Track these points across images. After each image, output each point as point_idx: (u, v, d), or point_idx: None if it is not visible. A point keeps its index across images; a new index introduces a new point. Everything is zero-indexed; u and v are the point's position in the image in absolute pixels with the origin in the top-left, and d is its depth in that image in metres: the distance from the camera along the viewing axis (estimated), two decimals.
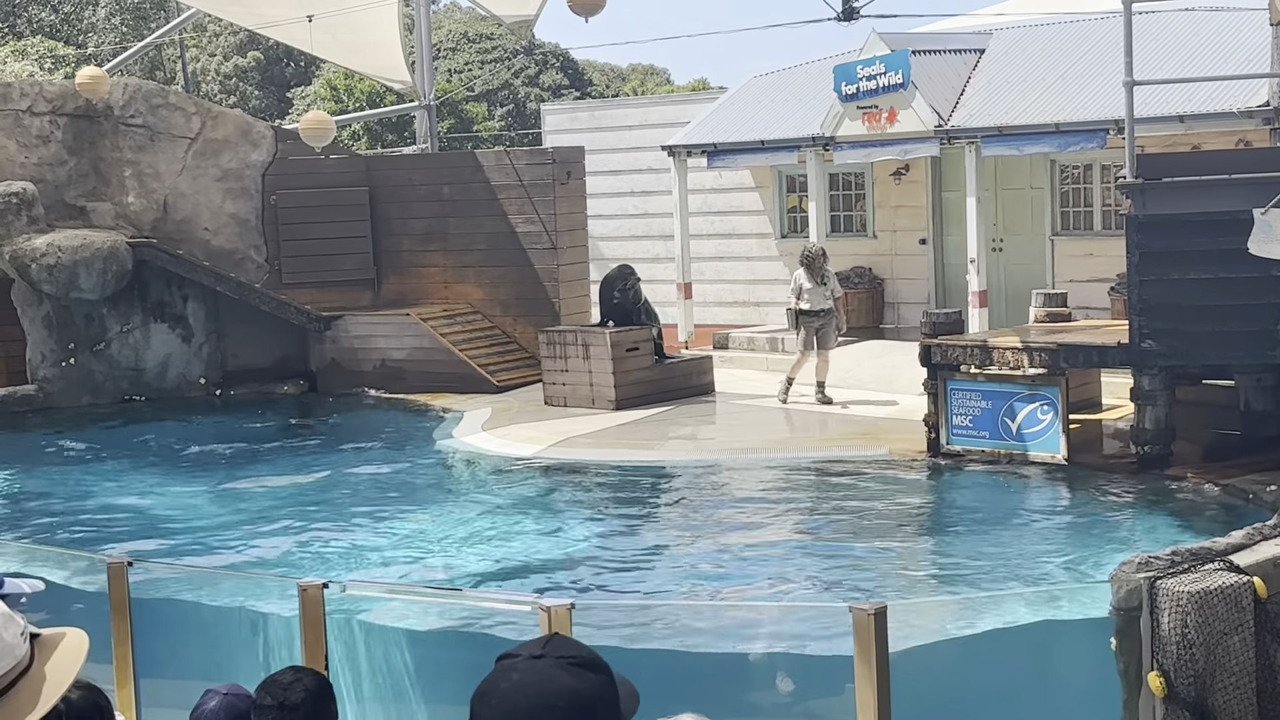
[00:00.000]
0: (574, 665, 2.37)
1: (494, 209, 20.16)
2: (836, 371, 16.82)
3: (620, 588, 10.69)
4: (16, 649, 2.15)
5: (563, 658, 2.37)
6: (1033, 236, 19.54)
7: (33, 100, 20.06)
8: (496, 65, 47.89)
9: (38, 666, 2.18)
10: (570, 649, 2.41)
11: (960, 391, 13.46)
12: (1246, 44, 16.47)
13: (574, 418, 16.55)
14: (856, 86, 18.56)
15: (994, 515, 12.12)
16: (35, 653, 2.20)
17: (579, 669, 2.36)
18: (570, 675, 2.35)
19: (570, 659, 2.38)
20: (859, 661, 5.76)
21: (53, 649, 2.23)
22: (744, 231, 22.45)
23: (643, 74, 57.40)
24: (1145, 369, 12.41)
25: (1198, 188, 12.01)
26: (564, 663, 2.36)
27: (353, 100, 39.42)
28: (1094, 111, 17.01)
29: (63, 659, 2.20)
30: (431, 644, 8.68)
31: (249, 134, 20.78)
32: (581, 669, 2.37)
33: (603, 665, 2.41)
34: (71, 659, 2.21)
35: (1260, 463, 12.09)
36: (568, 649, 2.41)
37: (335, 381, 19.90)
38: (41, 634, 2.26)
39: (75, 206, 20.00)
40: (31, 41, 37.87)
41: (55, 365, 19.35)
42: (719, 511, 12.85)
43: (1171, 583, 5.67)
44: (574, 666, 2.37)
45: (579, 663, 2.37)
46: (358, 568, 11.18)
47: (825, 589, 10.18)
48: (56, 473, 15.81)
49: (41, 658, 2.20)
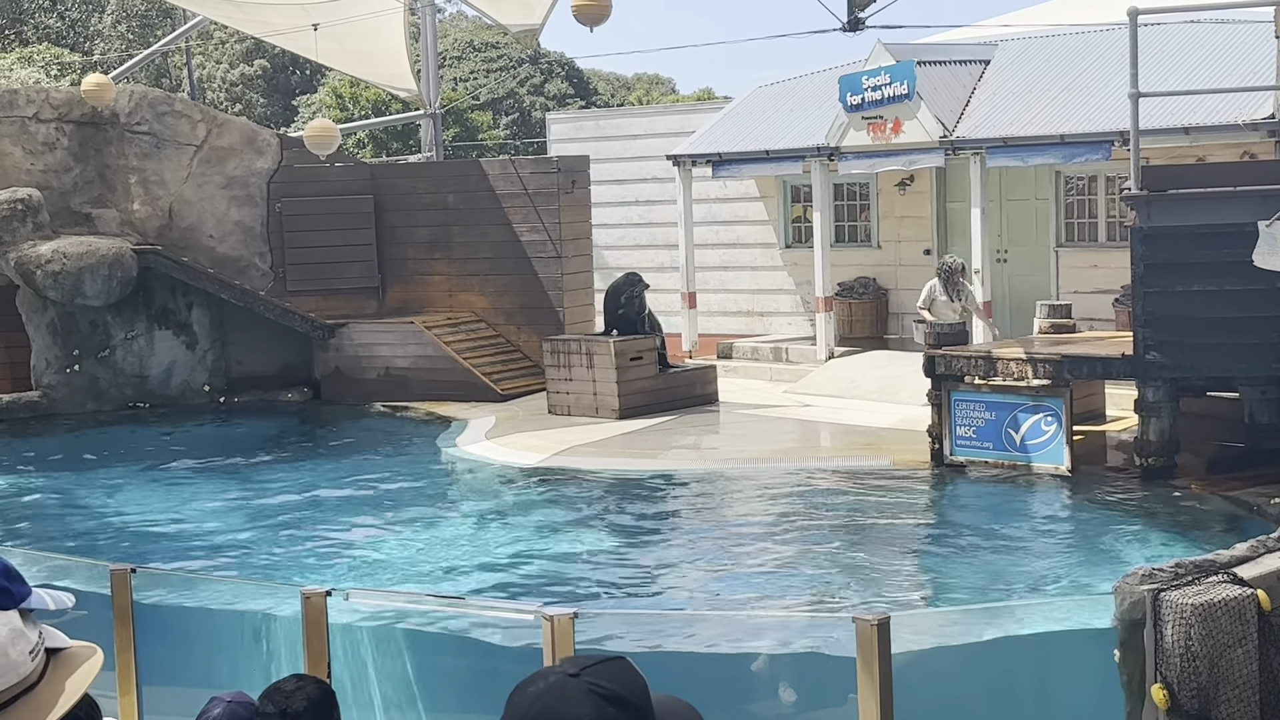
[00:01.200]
0: (602, 696, 2.22)
1: (499, 218, 20.18)
2: (839, 382, 16.82)
3: (623, 596, 10.68)
4: (20, 667, 2.11)
5: (596, 684, 2.23)
6: (1037, 248, 19.53)
7: (39, 107, 20.10)
8: (502, 74, 47.95)
9: (46, 685, 2.15)
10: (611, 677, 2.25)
11: (964, 402, 13.45)
12: (1252, 56, 16.47)
13: (578, 427, 16.55)
14: (861, 97, 18.57)
15: (997, 526, 12.11)
16: (50, 669, 2.17)
17: (604, 701, 2.22)
18: (590, 704, 2.21)
19: (602, 689, 2.23)
20: (862, 672, 5.76)
21: (72, 668, 2.18)
22: (748, 241, 22.45)
23: (648, 83, 57.46)
24: (1149, 381, 12.40)
25: (1202, 200, 12.01)
26: (593, 690, 2.22)
27: (358, 108, 39.46)
28: (1099, 123, 17.01)
29: (71, 683, 2.16)
30: (435, 652, 8.67)
31: (254, 141, 20.81)
32: (606, 702, 2.22)
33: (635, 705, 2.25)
34: (76, 686, 2.17)
35: (1264, 475, 12.07)
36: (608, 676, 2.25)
37: (339, 389, 19.91)
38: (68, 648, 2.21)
39: (81, 213, 20.02)
40: (38, 48, 37.94)
41: (60, 372, 19.37)
42: (722, 521, 12.84)
43: (1175, 595, 5.66)
44: (601, 698, 2.22)
45: (608, 695, 2.22)
46: (361, 575, 11.18)
47: (828, 599, 10.17)
48: (61, 479, 15.82)
49: (55, 676, 2.16)
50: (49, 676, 2.14)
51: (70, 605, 2.24)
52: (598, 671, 2.24)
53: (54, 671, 2.15)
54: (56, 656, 2.17)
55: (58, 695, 2.13)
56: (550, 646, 5.98)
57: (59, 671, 2.15)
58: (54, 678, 2.14)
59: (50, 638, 2.18)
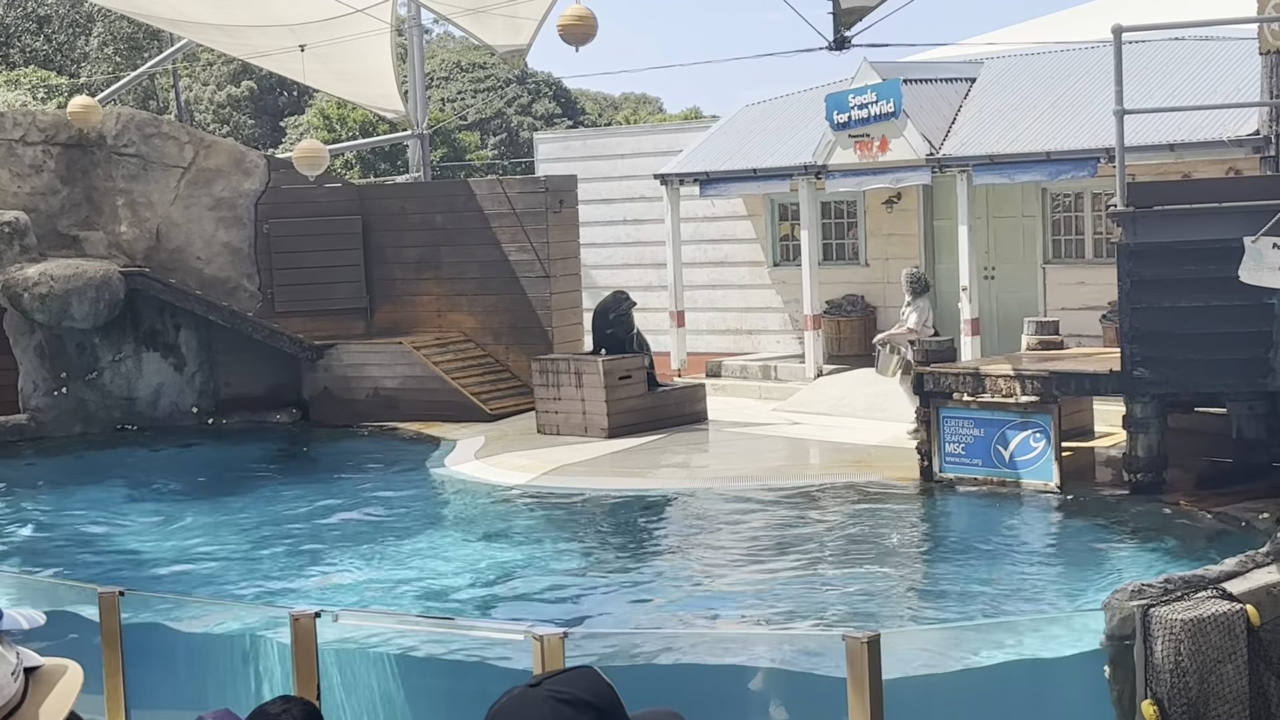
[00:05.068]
0: (560, 701, 2.28)
1: (487, 237, 20.19)
2: (828, 399, 16.83)
3: (613, 615, 10.66)
4: (4, 689, 2.12)
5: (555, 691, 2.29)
6: (1024, 264, 19.58)
7: (26, 130, 20.08)
8: (489, 94, 48.01)
9: (29, 705, 2.15)
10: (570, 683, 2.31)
11: (953, 419, 13.47)
12: (1236, 73, 16.54)
13: (567, 446, 16.54)
14: (848, 115, 18.61)
15: (987, 543, 12.11)
16: (30, 688, 2.17)
17: (561, 705, 2.28)
18: (549, 709, 2.26)
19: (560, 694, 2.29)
20: (852, 689, 5.75)
21: (50, 685, 2.19)
22: (736, 259, 22.49)
23: (635, 103, 57.58)
24: (1137, 396, 12.42)
25: (1189, 216, 12.04)
26: (551, 696, 2.28)
27: (345, 129, 39.50)
28: (1085, 140, 17.07)
29: (54, 700, 2.17)
30: (424, 673, 8.65)
31: (242, 163, 20.81)
32: (564, 704, 2.28)
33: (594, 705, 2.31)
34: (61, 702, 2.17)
35: (1253, 490, 12.08)
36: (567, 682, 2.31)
37: (328, 410, 19.88)
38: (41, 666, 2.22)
39: (68, 236, 20.00)
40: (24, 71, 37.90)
41: (47, 394, 19.32)
42: (712, 539, 12.83)
43: (1165, 611, 5.67)
44: (559, 702, 2.28)
45: (566, 699, 2.28)
46: (350, 597, 11.15)
47: (818, 616, 10.16)
48: (48, 502, 15.77)
49: (36, 694, 2.17)
50: (31, 696, 2.15)
51: (42, 623, 2.25)
52: (558, 679, 2.35)
53: (34, 691, 2.16)
54: (34, 675, 2.18)
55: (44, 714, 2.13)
56: (540, 666, 5.96)
57: (39, 690, 2.16)
58: (35, 696, 2.15)
59: (25, 658, 2.19)
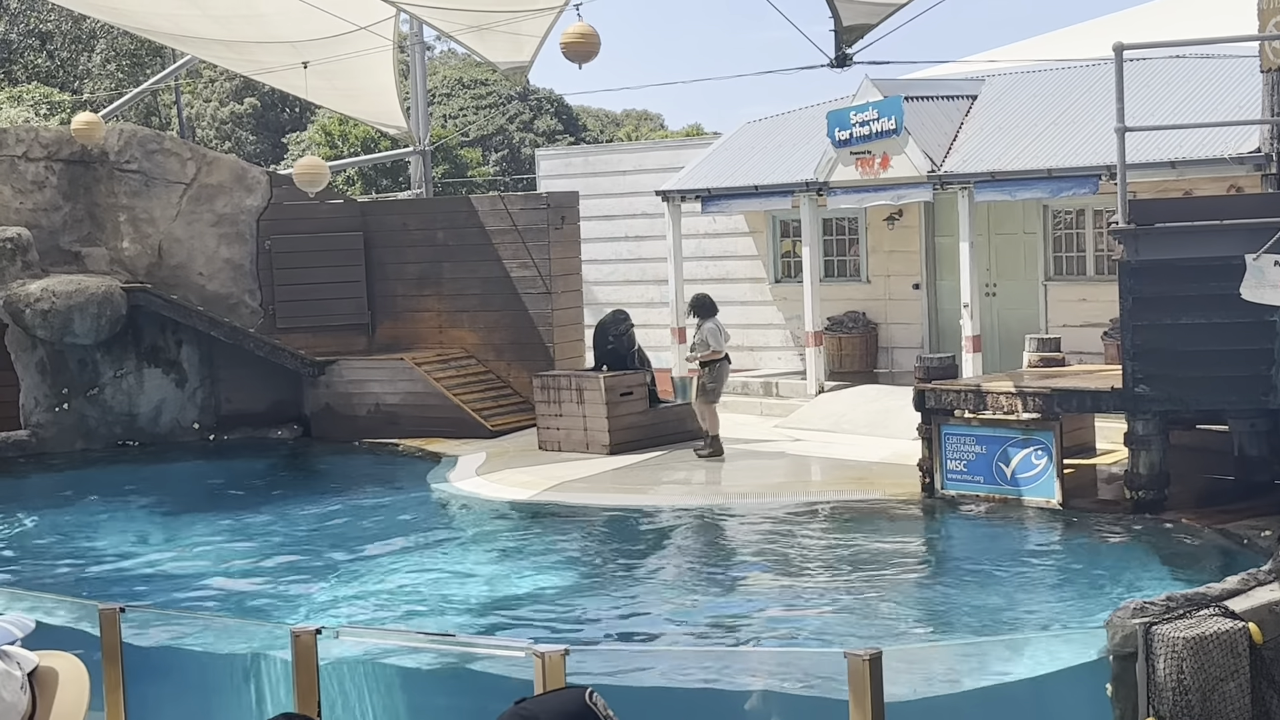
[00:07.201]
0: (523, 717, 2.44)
1: (488, 254, 20.21)
2: (829, 416, 16.82)
3: (615, 632, 10.65)
4: (17, 705, 2.12)
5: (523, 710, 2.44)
6: (1026, 281, 19.59)
7: (28, 146, 20.12)
8: (491, 111, 48.09)
9: (40, 712, 2.15)
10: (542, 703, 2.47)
11: (954, 436, 13.47)
12: (1237, 91, 16.56)
13: (568, 462, 16.53)
14: (850, 132, 18.64)
15: (989, 560, 12.10)
16: (37, 696, 2.17)
17: None
18: None
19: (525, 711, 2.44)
20: (854, 707, 5.74)
21: (54, 688, 2.19)
22: (738, 276, 22.50)
23: (637, 119, 57.66)
24: (1139, 414, 12.42)
25: (1190, 233, 12.05)
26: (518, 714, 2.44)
27: (347, 145, 39.54)
28: (1086, 157, 17.08)
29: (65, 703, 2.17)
30: (425, 690, 8.63)
31: (244, 179, 20.84)
32: None
33: None
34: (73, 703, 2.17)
35: (1255, 507, 12.08)
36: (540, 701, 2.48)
37: (329, 426, 19.88)
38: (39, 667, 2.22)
39: (70, 252, 20.02)
40: (27, 88, 37.96)
41: (49, 410, 19.33)
42: (713, 556, 12.82)
43: (1167, 628, 5.66)
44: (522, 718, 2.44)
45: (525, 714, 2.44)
46: (352, 613, 11.14)
47: (820, 634, 10.14)
48: (49, 518, 15.76)
49: (44, 702, 2.17)
50: (40, 703, 2.15)
51: (32, 628, 2.25)
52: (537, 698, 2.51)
53: (41, 696, 2.16)
54: (34, 678, 2.18)
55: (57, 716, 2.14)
56: (542, 684, 5.95)
57: (45, 694, 2.16)
58: (43, 702, 2.15)
59: (23, 661, 2.19)
